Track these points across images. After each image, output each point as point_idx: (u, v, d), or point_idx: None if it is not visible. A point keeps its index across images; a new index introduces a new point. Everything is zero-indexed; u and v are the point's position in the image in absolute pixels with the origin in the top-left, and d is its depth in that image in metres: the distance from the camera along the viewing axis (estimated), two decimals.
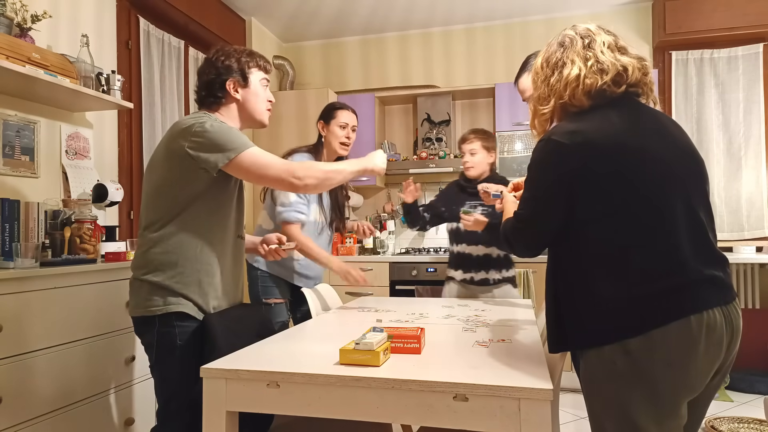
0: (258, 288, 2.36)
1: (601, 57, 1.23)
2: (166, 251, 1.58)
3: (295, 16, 4.12)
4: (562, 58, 1.27)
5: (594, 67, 1.23)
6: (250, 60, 1.73)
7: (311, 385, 1.22)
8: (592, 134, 1.17)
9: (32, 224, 2.13)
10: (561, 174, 1.18)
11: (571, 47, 1.27)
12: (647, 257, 1.13)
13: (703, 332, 1.09)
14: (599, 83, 1.22)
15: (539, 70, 1.34)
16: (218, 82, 1.69)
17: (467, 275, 2.55)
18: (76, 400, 1.99)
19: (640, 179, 1.15)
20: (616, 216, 1.14)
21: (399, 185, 4.48)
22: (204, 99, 1.72)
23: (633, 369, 1.10)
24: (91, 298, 2.07)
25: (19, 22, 2.16)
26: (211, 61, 1.71)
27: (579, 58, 1.25)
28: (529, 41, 4.22)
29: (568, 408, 3.05)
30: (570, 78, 1.24)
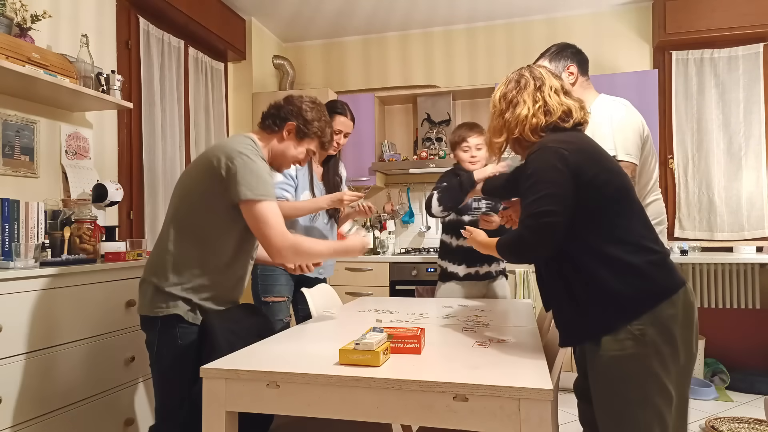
0: (258, 286, 2.36)
1: (548, 100, 1.43)
2: (180, 257, 1.63)
3: (295, 15, 4.12)
4: (516, 97, 1.47)
5: (541, 109, 1.43)
6: (318, 129, 1.82)
7: (311, 385, 1.22)
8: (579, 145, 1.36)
9: (32, 224, 2.13)
10: (566, 170, 1.31)
11: (525, 89, 1.46)
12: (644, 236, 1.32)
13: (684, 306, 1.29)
14: (543, 123, 1.42)
15: (497, 104, 1.53)
16: (285, 117, 1.77)
17: (471, 269, 2.56)
18: (76, 400, 1.99)
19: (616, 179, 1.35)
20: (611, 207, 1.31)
21: (399, 185, 4.49)
22: (266, 117, 1.81)
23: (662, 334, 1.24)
24: (91, 298, 2.07)
25: (19, 22, 2.16)
26: (299, 101, 1.81)
27: (530, 99, 1.44)
28: (530, 41, 4.22)
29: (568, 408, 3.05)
30: (520, 117, 1.44)
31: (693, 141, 3.88)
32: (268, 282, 2.34)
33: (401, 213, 4.40)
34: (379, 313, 2.08)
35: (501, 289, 2.63)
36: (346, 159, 4.13)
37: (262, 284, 2.35)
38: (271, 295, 2.32)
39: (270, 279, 2.34)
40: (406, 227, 4.47)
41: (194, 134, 3.58)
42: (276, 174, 2.25)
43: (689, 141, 3.88)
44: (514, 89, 1.48)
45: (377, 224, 4.33)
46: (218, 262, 1.66)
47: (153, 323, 1.63)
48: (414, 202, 4.46)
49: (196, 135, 3.60)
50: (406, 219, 4.42)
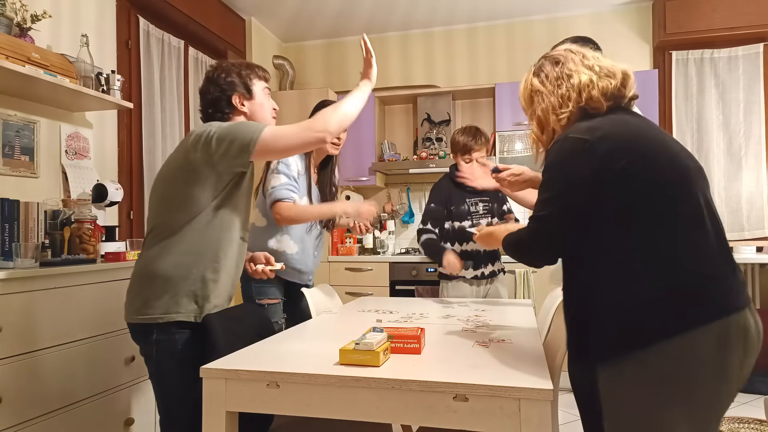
0: (252, 288, 2.34)
1: (602, 63, 1.25)
2: (169, 260, 1.57)
3: (295, 15, 4.12)
4: (563, 72, 1.26)
5: (602, 72, 1.23)
6: (250, 72, 1.77)
7: (311, 385, 1.22)
8: (611, 130, 1.16)
9: (32, 224, 2.13)
10: (584, 170, 1.13)
11: (568, 62, 1.27)
12: (680, 253, 1.08)
13: (741, 333, 1.06)
14: (612, 85, 1.22)
15: (540, 89, 1.30)
16: (224, 99, 1.73)
17: (478, 271, 2.59)
18: (76, 400, 1.99)
19: (662, 172, 1.12)
20: (642, 211, 1.10)
21: (399, 185, 4.48)
22: (211, 116, 1.75)
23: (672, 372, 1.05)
24: (91, 298, 2.07)
25: (19, 22, 2.16)
26: (212, 79, 1.75)
27: (583, 67, 1.25)
28: (531, 41, 4.22)
29: (568, 408, 3.05)
30: (583, 84, 1.23)
31: (693, 141, 3.88)
32: (261, 283, 2.33)
33: (401, 213, 4.40)
34: (379, 313, 2.08)
35: (502, 287, 2.69)
36: (346, 159, 4.13)
37: (255, 286, 2.33)
38: (266, 297, 2.31)
39: (261, 281, 2.33)
40: (406, 227, 4.47)
41: None
42: (281, 176, 2.25)
43: (689, 141, 3.88)
44: (554, 68, 1.29)
45: (377, 224, 4.32)
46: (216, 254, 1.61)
47: (147, 332, 1.57)
48: (414, 202, 4.46)
49: None
50: (406, 219, 4.42)
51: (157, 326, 1.56)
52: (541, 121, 1.31)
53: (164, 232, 1.59)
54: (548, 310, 2.00)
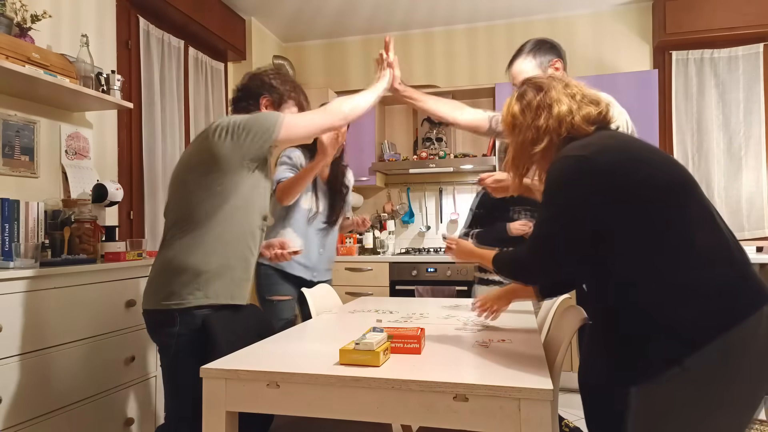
0: (262, 286, 2.35)
1: (586, 91, 1.29)
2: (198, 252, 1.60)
3: (295, 15, 4.12)
4: (545, 100, 1.28)
5: (584, 100, 1.27)
6: (292, 92, 1.84)
7: (311, 385, 1.22)
8: (605, 143, 1.18)
9: (32, 224, 2.13)
10: (585, 189, 1.13)
11: (551, 90, 1.28)
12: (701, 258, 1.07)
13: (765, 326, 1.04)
14: (595, 112, 1.25)
15: (518, 117, 1.33)
16: (256, 94, 1.79)
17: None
18: (76, 400, 1.99)
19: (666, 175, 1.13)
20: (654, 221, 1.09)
21: (399, 185, 4.48)
22: (238, 101, 1.82)
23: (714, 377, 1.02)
24: (91, 298, 2.07)
25: (19, 22, 2.16)
26: (260, 74, 1.83)
27: (565, 97, 1.27)
28: None
29: (568, 408, 3.05)
30: (562, 114, 1.25)
31: (693, 141, 3.88)
32: (272, 281, 2.34)
33: (401, 213, 4.40)
34: (379, 313, 2.08)
35: None
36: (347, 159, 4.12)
37: (265, 283, 2.34)
38: (276, 294, 2.32)
39: (272, 278, 2.33)
40: (406, 227, 4.47)
41: (194, 134, 3.58)
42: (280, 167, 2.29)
43: (689, 141, 3.88)
44: (536, 96, 1.30)
45: (377, 224, 4.33)
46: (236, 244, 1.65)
47: (170, 320, 1.58)
48: (414, 202, 4.46)
49: (196, 135, 3.60)
50: (406, 219, 4.42)
51: (180, 312, 1.57)
52: (517, 152, 1.35)
53: (189, 224, 1.62)
54: (548, 310, 2.00)
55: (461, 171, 4.21)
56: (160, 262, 1.66)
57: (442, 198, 4.40)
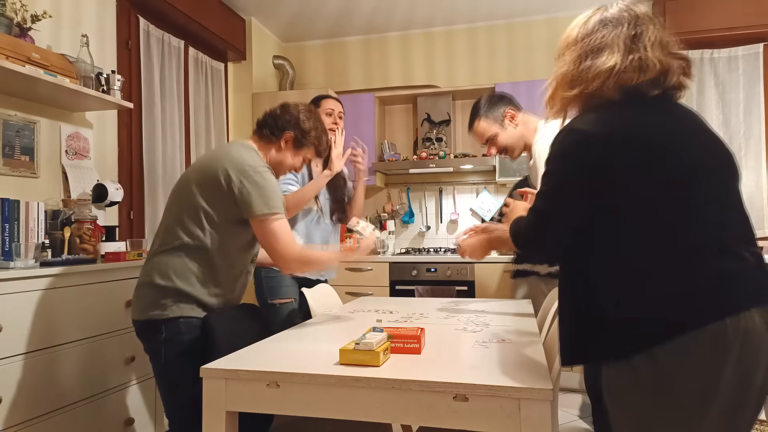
0: (264, 289, 2.35)
1: (644, 54, 1.11)
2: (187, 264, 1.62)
3: (295, 15, 4.12)
4: (601, 42, 1.13)
5: (635, 63, 1.11)
6: (316, 138, 1.85)
7: (311, 385, 1.22)
8: (619, 126, 1.09)
9: (32, 224, 2.13)
10: (584, 165, 1.08)
11: (614, 31, 1.13)
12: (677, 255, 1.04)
13: (738, 338, 0.98)
14: (635, 80, 1.11)
15: (571, 43, 1.18)
16: (282, 127, 1.79)
17: (553, 268, 2.48)
18: (75, 400, 1.99)
19: (667, 173, 1.06)
20: (641, 211, 1.06)
21: (399, 185, 4.48)
22: (263, 126, 1.82)
23: (658, 380, 1.00)
24: (91, 298, 2.07)
25: (19, 22, 2.16)
26: (294, 109, 1.83)
27: (620, 49, 1.12)
28: (531, 41, 4.22)
29: (568, 408, 3.05)
30: (602, 69, 1.12)
31: None
32: (273, 284, 2.33)
33: (401, 213, 4.40)
34: (379, 313, 2.08)
35: None
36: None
37: (267, 287, 2.34)
38: (278, 298, 2.32)
39: (274, 281, 2.33)
40: (406, 227, 4.47)
41: (194, 134, 3.58)
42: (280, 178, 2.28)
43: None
44: (599, 29, 1.15)
45: (377, 224, 4.33)
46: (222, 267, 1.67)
47: (155, 328, 1.60)
48: (414, 202, 4.46)
49: (196, 135, 3.60)
50: (406, 219, 4.42)
51: (165, 322, 1.59)
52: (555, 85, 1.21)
53: (178, 239, 1.63)
54: (548, 310, 2.00)
55: (461, 171, 4.21)
56: (146, 272, 1.67)
57: (442, 198, 4.40)
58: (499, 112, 2.17)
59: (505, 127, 2.17)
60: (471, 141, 4.31)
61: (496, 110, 2.18)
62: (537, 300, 2.39)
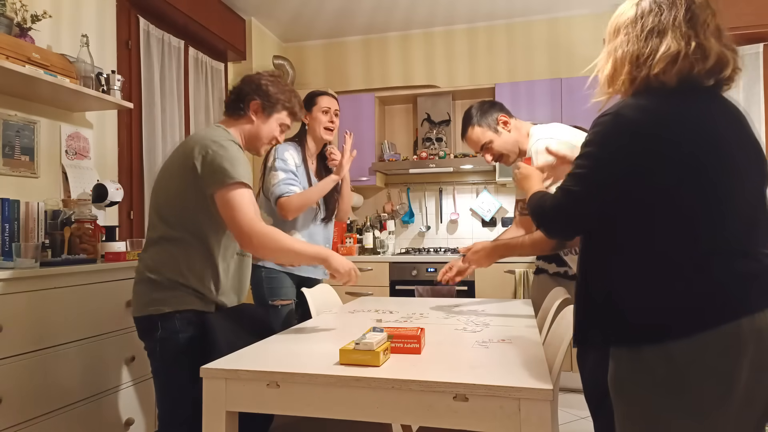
0: (264, 290, 2.34)
1: (704, 42, 1.08)
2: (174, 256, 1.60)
3: (295, 16, 4.12)
4: (660, 23, 1.10)
5: (695, 50, 1.07)
6: (284, 99, 1.77)
7: (311, 385, 1.22)
8: (665, 115, 1.07)
9: (32, 224, 2.13)
10: (626, 152, 1.06)
11: (669, 13, 1.10)
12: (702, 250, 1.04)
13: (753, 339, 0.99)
14: (695, 69, 1.08)
15: (629, 22, 1.14)
16: (244, 95, 1.73)
17: (561, 269, 2.50)
18: (76, 400, 1.99)
19: (706, 168, 1.05)
20: (674, 203, 1.05)
21: (399, 185, 4.48)
22: (230, 104, 1.76)
23: (674, 377, 1.00)
24: (91, 298, 2.07)
25: (19, 22, 2.16)
26: (254, 76, 1.77)
27: (678, 35, 1.08)
28: (531, 41, 4.22)
29: (568, 408, 3.05)
30: (665, 54, 1.07)
31: None
32: (274, 285, 2.32)
33: (401, 213, 4.40)
34: (379, 313, 2.08)
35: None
36: None
37: (267, 287, 2.33)
38: (279, 298, 2.31)
39: (275, 282, 2.32)
40: (406, 227, 4.47)
41: None
42: (278, 173, 2.26)
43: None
44: (654, 10, 1.11)
45: (377, 224, 4.33)
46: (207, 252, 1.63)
47: (152, 325, 1.60)
48: (414, 202, 4.46)
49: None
50: (406, 219, 4.43)
51: (161, 318, 1.58)
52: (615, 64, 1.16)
53: (158, 231, 1.62)
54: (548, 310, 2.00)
55: (461, 171, 4.22)
56: (138, 268, 1.67)
57: (442, 198, 4.40)
58: (492, 118, 2.16)
59: (500, 133, 2.16)
60: None
61: (489, 116, 2.16)
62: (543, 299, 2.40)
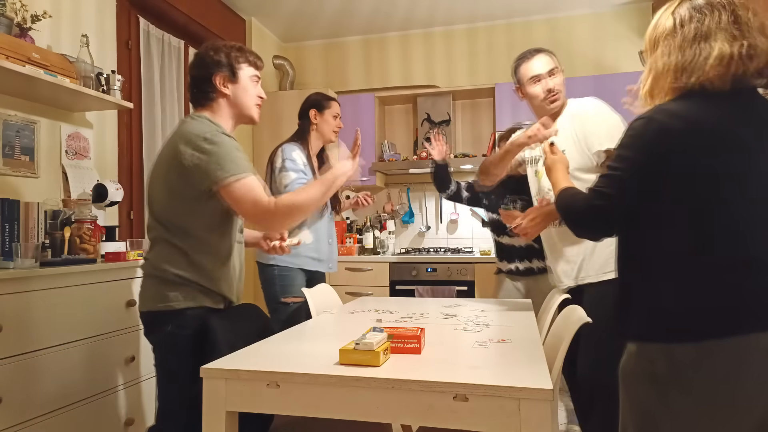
0: (276, 287, 2.34)
1: (752, 41, 1.06)
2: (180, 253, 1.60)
3: (295, 15, 4.12)
4: (703, 29, 1.08)
5: (743, 50, 1.05)
6: (239, 55, 1.71)
7: (311, 385, 1.22)
8: (702, 121, 1.06)
9: (32, 224, 2.13)
10: (657, 156, 1.07)
11: (712, 17, 1.08)
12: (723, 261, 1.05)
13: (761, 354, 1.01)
14: (744, 69, 1.06)
15: (668, 33, 1.12)
16: (207, 77, 1.67)
17: (512, 266, 2.57)
18: (76, 400, 1.99)
19: (736, 177, 1.05)
20: (701, 212, 1.06)
21: (399, 185, 4.48)
22: (195, 96, 1.71)
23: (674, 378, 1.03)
24: (91, 298, 2.06)
25: (19, 22, 2.16)
26: (200, 56, 1.70)
27: (725, 35, 1.06)
28: (531, 41, 4.20)
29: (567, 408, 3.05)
30: (716, 56, 1.05)
31: None
32: (286, 282, 2.33)
33: (401, 213, 4.40)
34: (379, 313, 2.08)
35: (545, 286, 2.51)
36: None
37: (280, 285, 2.33)
38: (291, 296, 2.32)
39: (287, 279, 2.33)
40: (406, 227, 4.47)
41: None
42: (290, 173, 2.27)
43: None
44: (695, 15, 1.09)
45: (377, 224, 4.33)
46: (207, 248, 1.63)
47: (160, 320, 1.59)
48: (414, 202, 4.46)
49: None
50: (406, 219, 4.42)
51: (171, 314, 1.58)
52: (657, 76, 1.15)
53: (157, 230, 1.62)
54: (548, 310, 2.00)
55: (461, 171, 4.21)
56: (147, 267, 1.66)
57: (442, 198, 4.39)
58: None
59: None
60: (471, 141, 4.32)
61: None
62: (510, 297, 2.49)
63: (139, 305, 1.68)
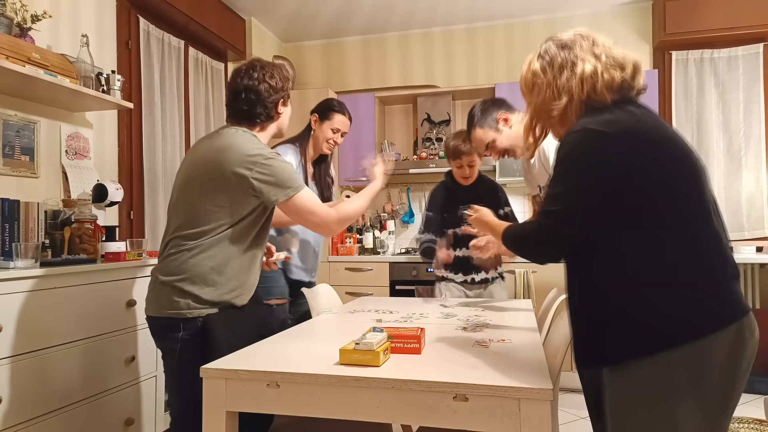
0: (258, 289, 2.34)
1: (612, 53, 1.18)
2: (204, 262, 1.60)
3: (295, 16, 4.12)
4: (569, 58, 1.19)
5: (609, 62, 1.17)
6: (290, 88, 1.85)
7: (311, 385, 1.22)
8: (630, 124, 1.10)
9: (32, 224, 2.13)
10: (601, 165, 1.08)
11: (575, 47, 1.20)
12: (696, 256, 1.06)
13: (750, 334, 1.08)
14: (619, 78, 1.16)
15: (539, 75, 1.24)
16: (278, 100, 1.78)
17: (468, 277, 2.56)
18: (75, 400, 1.99)
19: (680, 173, 1.08)
20: (660, 212, 1.06)
21: (399, 185, 4.48)
22: (256, 115, 1.75)
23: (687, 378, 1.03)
24: (91, 298, 2.06)
25: (19, 22, 2.16)
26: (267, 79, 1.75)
27: (590, 56, 1.18)
28: (530, 41, 4.21)
29: (568, 408, 3.05)
30: (585, 74, 1.16)
31: (693, 141, 3.88)
32: (269, 284, 2.33)
33: (401, 213, 4.40)
34: (379, 313, 2.08)
35: (498, 293, 2.60)
36: (346, 159, 4.14)
37: (262, 287, 2.33)
38: (274, 298, 2.32)
39: (270, 281, 2.32)
40: (406, 227, 4.48)
41: (194, 134, 3.58)
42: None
43: (689, 141, 3.88)
44: (560, 53, 1.21)
45: (377, 224, 4.33)
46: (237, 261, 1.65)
47: (172, 327, 1.59)
48: (414, 202, 4.46)
49: (196, 135, 3.60)
50: (406, 219, 4.43)
51: (184, 321, 1.58)
52: (535, 114, 1.28)
53: (189, 239, 1.61)
54: (548, 310, 2.00)
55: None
56: (162, 270, 1.64)
57: None
58: (492, 117, 2.19)
59: (501, 131, 2.18)
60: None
61: (489, 116, 2.20)
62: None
63: (146, 309, 1.66)
